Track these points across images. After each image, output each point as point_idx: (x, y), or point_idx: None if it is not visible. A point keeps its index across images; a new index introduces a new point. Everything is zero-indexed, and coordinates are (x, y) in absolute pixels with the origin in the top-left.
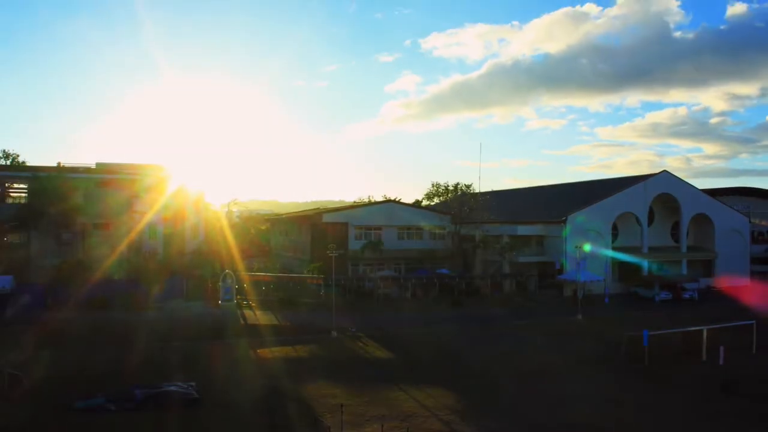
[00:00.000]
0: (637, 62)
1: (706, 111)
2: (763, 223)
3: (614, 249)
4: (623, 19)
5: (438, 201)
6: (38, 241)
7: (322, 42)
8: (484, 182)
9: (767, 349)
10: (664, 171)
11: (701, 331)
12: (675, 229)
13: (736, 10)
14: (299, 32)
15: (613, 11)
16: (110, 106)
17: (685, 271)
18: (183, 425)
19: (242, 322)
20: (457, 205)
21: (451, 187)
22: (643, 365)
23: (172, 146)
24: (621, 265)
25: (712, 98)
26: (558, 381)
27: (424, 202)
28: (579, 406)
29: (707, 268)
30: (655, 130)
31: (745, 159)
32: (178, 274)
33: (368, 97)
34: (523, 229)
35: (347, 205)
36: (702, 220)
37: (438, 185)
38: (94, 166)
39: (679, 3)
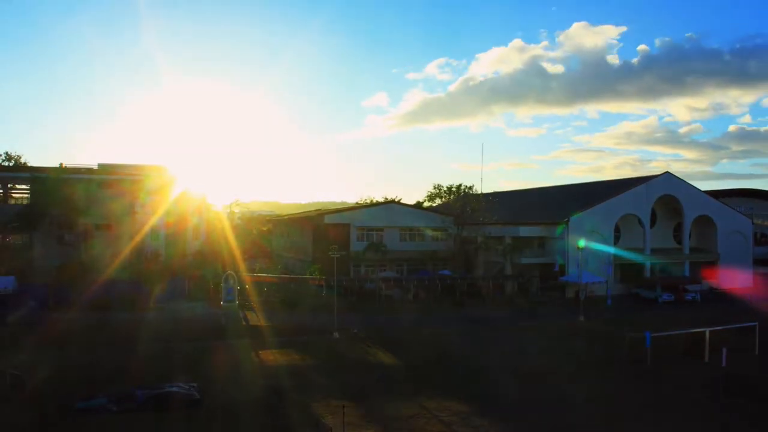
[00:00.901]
0: (584, 82)
1: (675, 121)
2: (766, 224)
3: (616, 254)
4: (567, 48)
5: (440, 202)
6: (40, 242)
7: (312, 55)
8: (478, 183)
9: None
10: (666, 172)
11: (704, 332)
12: (677, 230)
13: (664, 41)
14: (298, 38)
15: (558, 44)
16: (112, 108)
17: (687, 273)
18: (184, 426)
19: (244, 323)
20: (459, 206)
21: (453, 189)
22: (645, 367)
23: (174, 148)
24: (623, 267)
25: (674, 110)
26: (560, 383)
27: (426, 204)
28: (581, 407)
29: (709, 269)
30: (630, 138)
31: (726, 163)
32: (179, 275)
33: (356, 108)
34: (525, 231)
35: (349, 206)
36: (704, 222)
37: (439, 186)
38: (96, 167)
39: (616, 37)
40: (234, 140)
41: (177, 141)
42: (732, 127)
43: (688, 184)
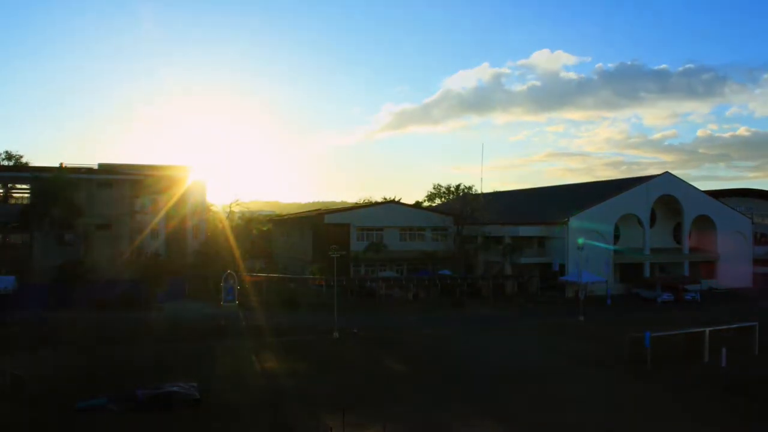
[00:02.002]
0: (543, 96)
1: (649, 127)
2: (766, 221)
3: (616, 251)
4: (526, 69)
5: (439, 202)
6: (41, 241)
7: (304, 61)
8: (471, 183)
9: None
10: (666, 172)
11: (703, 332)
12: (677, 230)
13: (617, 64)
14: (298, 43)
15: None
16: (114, 108)
17: (687, 273)
18: (185, 426)
19: (244, 322)
20: (459, 206)
21: (452, 188)
22: (645, 366)
23: (175, 148)
24: (623, 267)
25: (644, 117)
26: (559, 382)
27: (425, 203)
28: (581, 407)
29: (709, 269)
30: (610, 143)
31: (708, 166)
32: (180, 274)
33: (348, 114)
34: (524, 230)
35: (349, 206)
36: (704, 222)
37: (439, 186)
38: (96, 167)
39: (574, 64)
40: (235, 140)
41: (178, 141)
42: (701, 132)
43: (688, 184)
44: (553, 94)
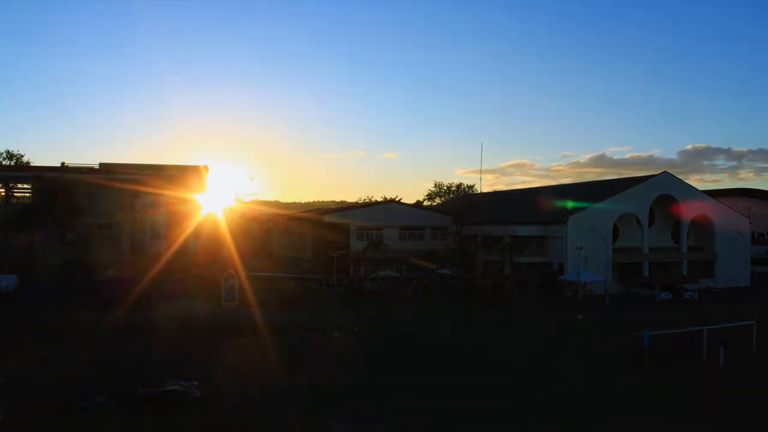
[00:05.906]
0: None
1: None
2: (764, 211)
3: (615, 250)
4: None
5: (439, 201)
6: (42, 240)
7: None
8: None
9: (767, 349)
10: (665, 172)
11: (701, 331)
12: (675, 229)
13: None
14: (302, 39)
15: None
16: (115, 106)
17: (686, 272)
18: (185, 424)
19: (244, 321)
20: (459, 205)
21: (453, 188)
22: (643, 365)
23: (175, 147)
24: (621, 266)
25: None
26: (558, 381)
27: (425, 203)
28: (580, 406)
29: (708, 268)
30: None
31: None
32: (180, 273)
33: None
34: (524, 230)
35: (348, 205)
36: (702, 221)
37: (440, 185)
38: (97, 167)
39: None
40: (236, 139)
41: (178, 140)
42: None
43: (686, 183)
44: None
